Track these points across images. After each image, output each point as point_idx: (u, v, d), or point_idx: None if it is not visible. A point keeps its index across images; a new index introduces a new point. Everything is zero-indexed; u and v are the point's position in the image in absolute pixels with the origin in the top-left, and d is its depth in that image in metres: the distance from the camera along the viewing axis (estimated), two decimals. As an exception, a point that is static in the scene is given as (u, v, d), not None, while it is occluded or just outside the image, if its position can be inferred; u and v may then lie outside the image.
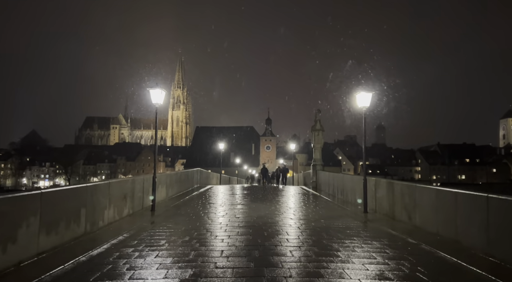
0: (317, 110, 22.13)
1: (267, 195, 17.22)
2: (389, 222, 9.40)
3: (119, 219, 9.05)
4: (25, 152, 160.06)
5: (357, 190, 13.25)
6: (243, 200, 14.59)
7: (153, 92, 11.22)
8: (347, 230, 8.26)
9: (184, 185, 18.07)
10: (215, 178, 31.46)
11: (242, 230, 8.05)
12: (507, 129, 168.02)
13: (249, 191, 20.10)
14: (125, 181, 9.89)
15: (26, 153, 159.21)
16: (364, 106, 11.42)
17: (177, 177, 16.63)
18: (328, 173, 19.12)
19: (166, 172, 15.56)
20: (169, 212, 11.00)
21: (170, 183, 14.93)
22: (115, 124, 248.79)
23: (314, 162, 22.47)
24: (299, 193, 18.59)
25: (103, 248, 6.39)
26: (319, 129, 21.96)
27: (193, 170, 21.53)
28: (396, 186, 9.84)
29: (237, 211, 11.00)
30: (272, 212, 10.97)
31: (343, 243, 6.90)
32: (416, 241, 7.15)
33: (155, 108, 11.39)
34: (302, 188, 22.45)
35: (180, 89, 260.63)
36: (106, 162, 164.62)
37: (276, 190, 20.44)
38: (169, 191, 14.71)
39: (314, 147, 22.47)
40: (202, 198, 14.97)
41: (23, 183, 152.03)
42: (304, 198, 15.95)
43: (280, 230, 8.05)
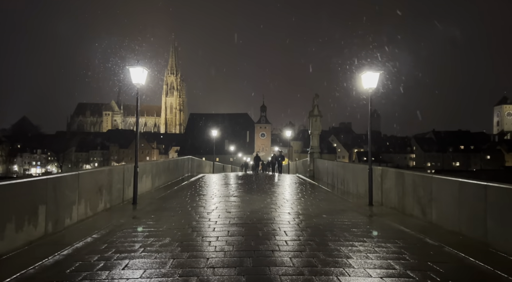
0: (315, 95, 20.91)
1: (262, 185, 16.14)
2: (399, 217, 8.35)
3: (92, 215, 7.89)
4: (16, 138, 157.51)
5: (360, 180, 12.20)
6: (236, 190, 13.48)
7: (133, 71, 9.93)
8: (353, 228, 7.18)
9: (174, 174, 16.91)
10: (208, 166, 30.33)
11: (234, 229, 6.93)
12: (501, 116, 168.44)
13: (243, 180, 19.01)
14: (100, 171, 8.68)
15: (17, 139, 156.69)
16: (370, 87, 10.25)
17: (165, 165, 15.44)
18: (326, 161, 18.03)
19: (152, 160, 14.26)
20: (153, 205, 9.86)
21: (157, 172, 13.75)
22: (107, 111, 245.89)
23: (311, 149, 21.36)
24: (295, 182, 17.54)
25: (62, 255, 5.24)
26: (317, 115, 20.79)
27: (184, 158, 20.34)
28: (407, 177, 8.76)
29: (229, 205, 9.89)
30: (268, 205, 9.87)
31: (352, 246, 5.81)
32: (437, 242, 6.10)
33: (136, 89, 10.12)
34: (298, 176, 21.41)
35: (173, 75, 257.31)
36: (98, 149, 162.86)
37: (271, 179, 19.37)
38: (156, 181, 13.55)
39: (312, 133, 21.32)
40: (192, 189, 13.85)
41: (14, 170, 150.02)
42: (301, 188, 14.89)
43: (277, 229, 6.94)
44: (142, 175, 11.82)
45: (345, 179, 13.95)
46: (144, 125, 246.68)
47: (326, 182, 16.91)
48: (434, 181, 7.52)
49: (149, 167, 12.66)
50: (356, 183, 12.54)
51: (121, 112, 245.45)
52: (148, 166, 12.69)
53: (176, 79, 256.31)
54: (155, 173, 13.44)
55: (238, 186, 15.20)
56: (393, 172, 9.70)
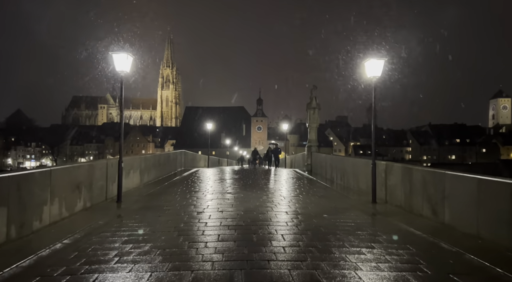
0: (313, 86, 20.12)
1: (257, 180, 15.40)
2: (406, 217, 7.64)
3: (68, 216, 7.11)
4: (11, 132, 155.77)
5: (361, 175, 11.48)
6: (231, 186, 12.73)
7: (117, 58, 9.08)
8: (358, 230, 6.45)
9: (165, 169, 16.12)
10: (202, 160, 29.54)
11: (225, 232, 6.18)
12: (496, 109, 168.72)
13: (239, 175, 18.27)
14: (78, 167, 7.88)
15: (11, 133, 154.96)
16: (374, 76, 9.48)
17: (156, 160, 14.64)
18: (325, 155, 17.28)
19: (141, 154, 13.47)
20: (139, 203, 9.08)
21: (146, 167, 12.95)
22: (102, 104, 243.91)
23: (309, 142, 20.61)
24: (292, 177, 16.81)
25: (21, 267, 4.47)
26: (315, 107, 20.01)
27: (176, 151, 19.50)
28: (416, 173, 8.03)
29: (222, 203, 9.13)
30: (264, 203, 9.13)
31: (360, 253, 5.08)
32: (454, 248, 5.38)
33: (119, 77, 9.29)
34: (295, 171, 20.69)
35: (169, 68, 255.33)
36: (93, 142, 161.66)
37: (268, 174, 18.63)
38: (145, 177, 12.76)
39: (309, 126, 20.55)
40: (184, 185, 13.08)
41: (8, 163, 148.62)
42: (299, 183, 14.17)
43: (274, 232, 6.20)
44: (129, 170, 11.03)
45: (345, 173, 13.23)
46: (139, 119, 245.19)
47: (325, 176, 16.20)
48: (447, 178, 6.79)
49: (137, 161, 11.86)
50: (357, 178, 11.83)
51: (116, 105, 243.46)
52: (136, 160, 11.88)
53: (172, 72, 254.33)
54: (144, 167, 12.65)
55: (233, 182, 14.45)
56: (399, 167, 8.97)
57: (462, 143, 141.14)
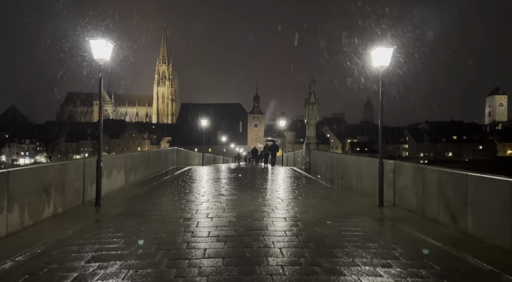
0: (312, 81, 19.19)
1: (254, 179, 14.47)
2: (420, 223, 6.74)
3: (32, 225, 6.14)
4: (5, 128, 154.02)
5: (365, 175, 10.58)
6: (224, 187, 11.79)
7: (94, 45, 8.09)
8: (369, 241, 5.54)
9: (155, 168, 15.15)
10: (197, 158, 28.56)
11: (213, 245, 5.25)
12: (492, 106, 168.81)
13: (234, 173, 17.33)
14: (46, 167, 6.91)
15: (5, 129, 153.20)
16: (382, 66, 8.55)
17: (144, 158, 13.66)
18: (324, 153, 16.36)
19: (127, 152, 12.36)
20: (120, 207, 8.13)
21: (133, 166, 11.98)
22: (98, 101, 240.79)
23: (307, 139, 19.68)
24: (290, 176, 15.90)
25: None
26: (314, 102, 19.08)
27: (168, 149, 18.50)
28: (430, 174, 7.13)
29: (213, 207, 8.20)
30: (260, 207, 8.20)
31: (375, 275, 4.16)
32: (487, 266, 4.48)
33: (98, 66, 8.30)
34: (293, 169, 19.77)
35: (165, 64, 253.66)
36: (89, 139, 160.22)
37: (264, 173, 17.70)
38: (131, 176, 11.78)
39: (308, 122, 19.62)
40: (174, 185, 12.13)
41: (2, 160, 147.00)
42: (297, 183, 13.25)
43: (271, 245, 5.27)
44: (112, 169, 10.06)
45: (347, 173, 12.32)
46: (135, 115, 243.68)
47: (324, 175, 15.30)
48: (471, 180, 5.89)
49: (121, 160, 10.87)
50: (361, 178, 10.93)
51: (112, 102, 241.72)
52: (120, 158, 10.89)
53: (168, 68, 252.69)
54: (130, 166, 11.67)
55: (227, 181, 13.51)
56: (409, 167, 8.07)
57: (459, 140, 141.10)
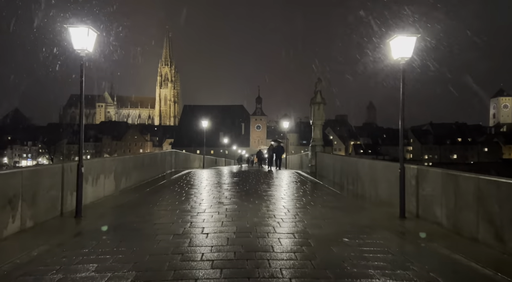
0: (318, 80, 18.13)
1: (257, 185, 13.40)
2: (455, 242, 5.66)
3: (-10, 244, 5.11)
4: (8, 130, 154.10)
5: (380, 181, 9.51)
6: (224, 194, 10.73)
7: (75, 33, 7.07)
8: (399, 267, 4.46)
9: (151, 172, 14.12)
10: (197, 160, 27.53)
11: (206, 274, 4.18)
12: (497, 108, 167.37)
13: (236, 178, 16.28)
14: (12, 174, 5.85)
15: (8, 131, 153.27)
16: (402, 57, 7.49)
17: (138, 161, 12.62)
18: (332, 156, 15.25)
19: (117, 156, 11.29)
20: (104, 219, 7.09)
21: (124, 170, 10.94)
22: (100, 103, 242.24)
23: (313, 141, 18.59)
24: (295, 181, 14.81)
25: None
26: (320, 102, 18.01)
27: (165, 151, 17.46)
28: (466, 182, 6.04)
29: (210, 219, 7.14)
30: (263, 219, 7.13)
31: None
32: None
33: (80, 59, 7.28)
34: (298, 173, 18.67)
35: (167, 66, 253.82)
36: (91, 141, 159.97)
37: (269, 177, 16.62)
38: (123, 181, 10.75)
39: (314, 123, 18.54)
40: (169, 191, 11.08)
41: (4, 162, 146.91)
42: (304, 189, 12.18)
43: (278, 274, 4.19)
44: (99, 174, 9.03)
45: (359, 178, 11.24)
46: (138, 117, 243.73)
47: (332, 180, 14.21)
48: (524, 192, 4.81)
49: (109, 164, 9.83)
50: (375, 184, 9.85)
51: (115, 104, 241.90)
52: (108, 162, 9.85)
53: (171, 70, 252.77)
54: (121, 171, 10.63)
55: (228, 187, 12.44)
56: (437, 173, 6.98)
57: (463, 142, 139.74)
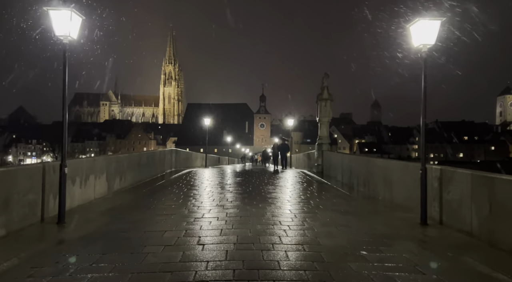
0: (325, 75, 17.27)
1: (260, 186, 12.61)
2: (493, 256, 4.84)
3: None
4: (13, 128, 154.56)
5: (396, 183, 8.69)
6: (226, 196, 9.95)
7: (56, 17, 6.29)
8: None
9: (149, 171, 13.37)
10: (199, 159, 26.78)
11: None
12: (504, 106, 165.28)
13: (239, 178, 15.51)
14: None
15: (13, 129, 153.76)
16: (424, 44, 6.65)
17: (134, 160, 11.86)
18: (341, 155, 14.41)
19: (110, 154, 10.47)
20: (90, 226, 6.33)
21: (119, 170, 10.18)
22: (105, 101, 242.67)
23: (319, 139, 17.75)
24: (301, 181, 14.00)
25: None
26: (327, 98, 17.16)
27: (165, 150, 16.71)
28: (502, 185, 5.21)
29: (207, 226, 6.36)
30: (267, 226, 6.33)
31: None
32: None
33: (62, 46, 6.51)
34: (304, 173, 17.85)
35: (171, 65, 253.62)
36: (95, 140, 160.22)
37: (273, 178, 15.81)
38: (116, 182, 10.00)
39: (320, 120, 17.69)
40: (165, 193, 10.32)
41: (9, 161, 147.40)
42: (311, 191, 11.37)
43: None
44: (89, 175, 8.27)
45: (371, 179, 10.42)
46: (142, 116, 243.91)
47: (341, 181, 13.39)
48: None
49: (101, 163, 9.07)
50: (390, 186, 9.02)
51: (119, 102, 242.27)
52: (100, 162, 9.08)
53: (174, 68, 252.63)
54: (115, 171, 9.88)
55: (230, 188, 11.66)
56: (466, 175, 6.13)
57: (470, 140, 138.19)
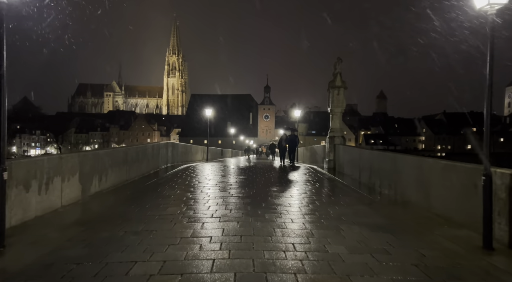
0: (338, 59, 15.40)
1: (266, 187, 10.90)
2: None
3: None
4: (17, 119, 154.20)
5: (434, 186, 6.95)
6: (224, 202, 8.25)
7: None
8: None
9: (139, 168, 11.69)
10: (200, 152, 25.12)
11: None
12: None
13: (242, 176, 13.82)
14: None
15: (17, 120, 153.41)
16: (493, 3, 4.85)
17: (118, 156, 10.12)
18: (359, 150, 12.55)
19: (84, 150, 8.53)
20: (39, 250, 4.66)
21: (97, 169, 8.49)
22: (108, 92, 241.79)
23: (331, 132, 15.93)
24: (313, 180, 12.27)
25: None
26: (340, 86, 15.31)
27: (160, 143, 14.99)
28: None
29: (195, 253, 4.68)
30: (276, 254, 4.63)
31: None
32: None
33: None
34: (314, 169, 16.09)
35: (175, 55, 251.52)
36: (98, 131, 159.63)
37: (280, 175, 14.09)
38: (94, 184, 8.32)
39: (332, 111, 15.85)
40: (154, 197, 8.64)
41: (13, 152, 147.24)
42: (327, 194, 9.65)
43: None
44: (52, 177, 6.59)
45: (398, 180, 8.67)
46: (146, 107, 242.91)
47: (358, 180, 11.63)
48: None
49: (71, 162, 7.34)
50: (426, 190, 7.28)
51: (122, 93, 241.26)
52: (70, 160, 7.36)
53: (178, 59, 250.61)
54: (91, 169, 8.19)
55: (230, 191, 9.98)
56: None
57: (478, 132, 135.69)
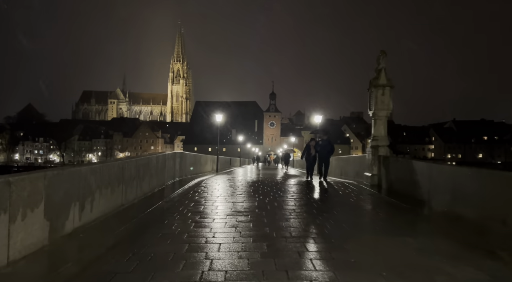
0: (382, 53, 12.67)
1: (289, 218, 8.10)
2: None
3: None
4: (21, 126, 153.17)
5: None
6: (244, 248, 5.48)
7: None
8: None
9: (139, 187, 8.93)
10: (209, 162, 22.36)
11: None
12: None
13: (260, 197, 11.05)
14: None
15: (21, 127, 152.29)
16: None
17: (110, 174, 7.31)
18: (427, 164, 9.48)
19: (53, 169, 5.61)
20: None
21: (75, 195, 5.74)
22: (112, 99, 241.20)
23: (374, 140, 13.03)
24: (360, 206, 9.36)
25: None
26: (385, 84, 12.49)
27: (166, 153, 12.22)
28: None
29: None
30: None
31: None
32: None
33: None
34: (350, 186, 13.23)
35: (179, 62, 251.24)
36: (102, 138, 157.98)
37: (314, 199, 11.26)
38: (71, 217, 5.56)
39: (375, 115, 12.94)
40: (157, 239, 5.88)
41: (15, 159, 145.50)
42: (403, 239, 6.84)
43: None
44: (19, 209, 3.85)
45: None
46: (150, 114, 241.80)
47: (428, 204, 8.74)
48: None
49: (30, 187, 4.61)
50: None
51: (127, 100, 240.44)
52: (28, 183, 4.59)
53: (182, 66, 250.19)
54: (66, 196, 5.44)
55: (249, 221, 7.20)
56: None
57: (489, 140, 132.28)
